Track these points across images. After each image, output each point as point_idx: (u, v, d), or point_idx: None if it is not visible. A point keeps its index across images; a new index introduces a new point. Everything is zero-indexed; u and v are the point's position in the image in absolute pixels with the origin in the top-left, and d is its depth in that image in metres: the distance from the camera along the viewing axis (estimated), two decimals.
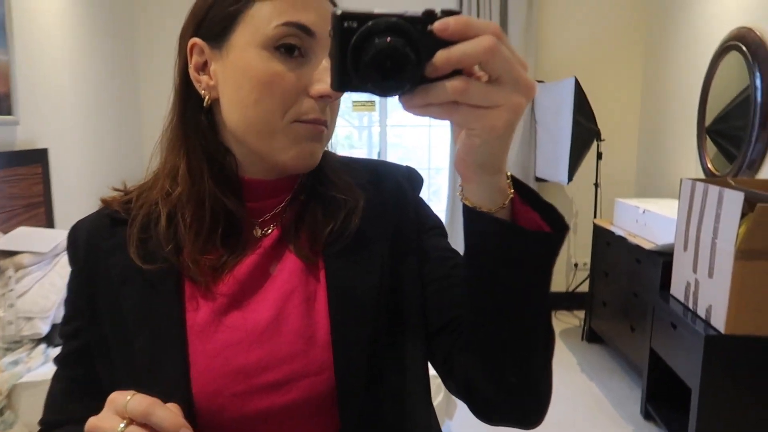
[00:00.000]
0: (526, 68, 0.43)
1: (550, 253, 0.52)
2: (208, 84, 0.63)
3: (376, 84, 0.41)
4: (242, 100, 0.60)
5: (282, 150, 0.61)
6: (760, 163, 2.44)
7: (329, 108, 0.63)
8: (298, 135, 0.61)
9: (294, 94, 0.59)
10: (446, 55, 0.40)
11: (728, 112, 2.71)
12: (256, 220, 0.67)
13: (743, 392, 1.90)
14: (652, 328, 2.36)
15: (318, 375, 0.60)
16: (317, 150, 0.63)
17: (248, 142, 0.62)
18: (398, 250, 0.67)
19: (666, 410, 2.35)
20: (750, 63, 2.47)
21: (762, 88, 2.40)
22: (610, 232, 2.97)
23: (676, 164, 3.25)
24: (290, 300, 0.63)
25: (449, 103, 0.42)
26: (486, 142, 0.45)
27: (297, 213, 0.68)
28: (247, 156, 0.65)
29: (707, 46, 2.88)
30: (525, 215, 0.52)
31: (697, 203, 2.07)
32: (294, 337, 0.61)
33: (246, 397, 0.59)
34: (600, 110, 3.31)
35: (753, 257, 1.80)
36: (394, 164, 0.76)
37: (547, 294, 0.54)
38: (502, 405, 0.58)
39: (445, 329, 0.65)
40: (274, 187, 0.67)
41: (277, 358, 0.60)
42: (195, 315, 0.62)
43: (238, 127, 0.62)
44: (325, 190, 0.68)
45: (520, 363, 0.55)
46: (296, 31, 0.58)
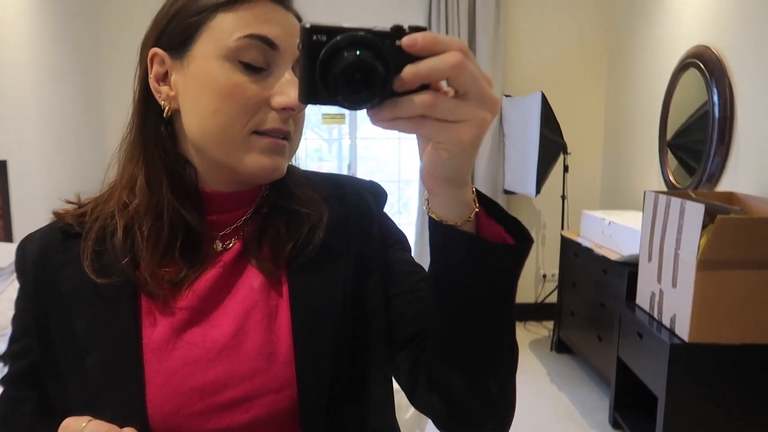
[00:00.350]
0: (491, 84, 0.44)
1: (515, 264, 0.53)
2: (168, 94, 0.62)
3: (345, 97, 0.41)
4: (201, 111, 0.60)
5: (242, 162, 0.60)
6: (718, 176, 2.53)
7: (293, 121, 0.62)
8: (259, 147, 0.60)
9: (255, 105, 0.59)
10: (414, 70, 0.41)
11: (688, 126, 2.81)
12: (217, 233, 0.66)
13: (707, 398, 1.94)
14: (619, 338, 2.40)
15: (279, 392, 0.60)
16: (280, 163, 0.62)
17: (208, 153, 0.61)
18: (362, 264, 0.67)
19: (633, 418, 2.38)
20: (708, 80, 2.56)
21: (719, 103, 2.48)
22: (577, 243, 3.03)
23: (639, 177, 3.34)
24: (251, 315, 0.62)
25: (417, 117, 0.43)
26: (453, 156, 0.46)
27: (259, 227, 0.67)
28: (208, 168, 0.64)
29: (667, 63, 2.98)
30: (490, 228, 0.53)
31: (660, 215, 2.13)
32: (255, 353, 0.60)
33: (204, 416, 0.58)
34: (566, 124, 3.38)
35: (714, 267, 1.85)
36: (357, 179, 0.76)
37: (513, 304, 0.55)
38: (477, 415, 0.58)
39: (409, 343, 0.65)
40: (235, 199, 0.66)
41: (237, 376, 0.59)
42: (152, 331, 0.61)
43: (197, 137, 0.61)
44: (288, 204, 0.67)
45: (488, 371, 0.56)
46: (259, 43, 0.58)
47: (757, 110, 2.30)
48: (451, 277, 0.53)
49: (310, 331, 0.61)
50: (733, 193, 2.27)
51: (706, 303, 1.88)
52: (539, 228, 3.88)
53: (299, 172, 0.72)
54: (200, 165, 0.64)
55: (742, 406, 1.93)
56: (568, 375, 3.08)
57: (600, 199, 3.89)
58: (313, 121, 4.10)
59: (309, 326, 0.62)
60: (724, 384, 1.93)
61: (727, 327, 1.89)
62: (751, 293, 1.86)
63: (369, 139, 4.02)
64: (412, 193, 4.05)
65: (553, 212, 3.72)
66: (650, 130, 3.15)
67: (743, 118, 2.38)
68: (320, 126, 4.14)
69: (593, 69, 3.80)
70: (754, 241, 1.81)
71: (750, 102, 2.34)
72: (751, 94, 2.34)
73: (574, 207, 3.61)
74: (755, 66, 2.31)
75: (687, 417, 1.96)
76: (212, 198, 0.65)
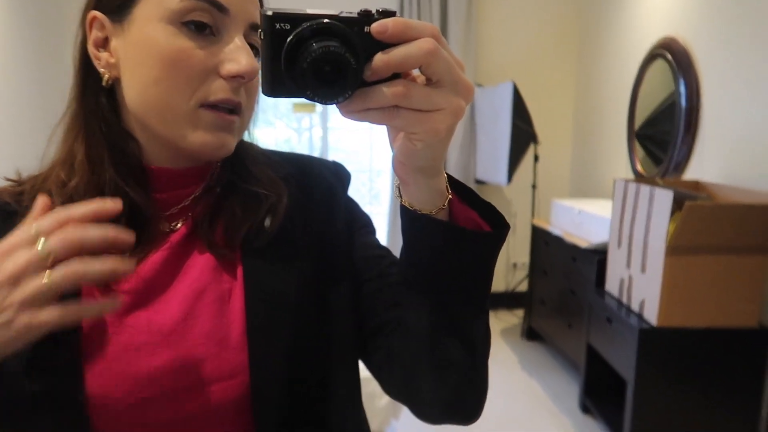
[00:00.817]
0: (463, 69, 0.43)
1: (491, 251, 0.52)
2: (108, 62, 0.57)
3: (314, 91, 0.39)
4: (143, 79, 0.55)
5: (187, 137, 0.56)
6: (685, 164, 2.58)
7: (244, 91, 0.58)
8: (206, 123, 0.56)
9: (202, 73, 0.54)
10: (386, 59, 0.39)
11: (655, 116, 2.85)
12: (164, 212, 0.62)
13: (676, 382, 1.99)
14: (589, 324, 2.44)
15: (230, 379, 0.56)
16: (228, 141, 0.58)
17: (150, 126, 0.57)
18: (325, 249, 0.64)
19: (603, 403, 2.43)
20: (675, 70, 2.60)
21: (686, 94, 2.53)
22: (547, 232, 3.06)
23: (608, 166, 3.39)
24: (201, 299, 0.58)
25: (389, 108, 0.41)
26: (427, 146, 0.44)
27: (211, 207, 0.63)
28: (151, 142, 0.60)
29: (635, 54, 3.02)
30: (464, 214, 0.52)
31: (629, 203, 2.16)
32: (204, 338, 0.57)
33: (149, 405, 0.54)
34: (536, 114, 3.41)
35: (682, 253, 1.89)
36: (319, 159, 0.73)
37: (488, 291, 0.54)
38: (449, 402, 0.57)
39: (381, 330, 0.63)
40: (183, 176, 0.62)
41: (185, 362, 0.56)
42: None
43: (138, 108, 0.57)
44: (245, 184, 0.63)
45: (462, 359, 0.54)
46: (206, 5, 0.54)
47: (722, 100, 2.35)
48: (426, 266, 0.51)
49: (265, 316, 0.58)
50: (698, 182, 2.32)
51: (675, 288, 1.92)
52: (510, 217, 3.91)
53: (257, 149, 0.68)
54: (143, 139, 0.60)
55: (709, 388, 1.98)
56: (539, 362, 3.12)
57: (570, 188, 3.94)
58: (282, 110, 4.04)
59: (263, 311, 0.58)
60: (692, 367, 1.97)
61: (694, 311, 1.93)
62: (718, 278, 1.90)
63: (340, 129, 3.99)
64: (383, 183, 4.03)
65: (524, 201, 3.75)
66: (619, 120, 3.20)
67: (709, 108, 2.43)
68: (290, 115, 4.09)
69: (563, 59, 3.83)
70: (720, 226, 1.85)
71: (715, 92, 2.39)
72: (716, 84, 2.39)
73: (544, 196, 3.65)
74: (721, 57, 2.36)
75: (655, 400, 2.00)
76: (158, 175, 0.61)
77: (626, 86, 3.09)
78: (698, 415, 1.99)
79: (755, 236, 1.87)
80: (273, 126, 4.15)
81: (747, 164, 2.19)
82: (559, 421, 2.50)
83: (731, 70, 2.29)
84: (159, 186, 0.61)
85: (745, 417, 1.98)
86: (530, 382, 2.88)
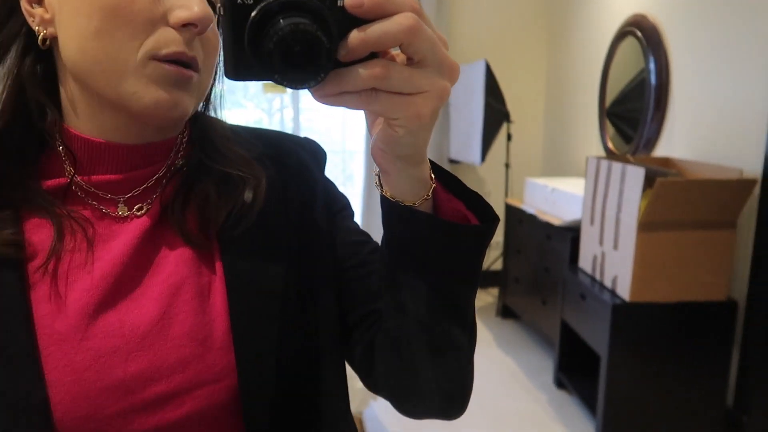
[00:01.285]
0: (447, 47, 0.39)
1: (479, 245, 0.48)
2: (43, 18, 0.51)
3: (283, 75, 0.35)
4: (81, 32, 0.48)
5: (137, 93, 0.49)
6: (655, 141, 2.61)
7: (200, 44, 0.52)
8: (158, 76, 0.49)
9: (148, 21, 0.48)
10: (362, 36, 0.35)
11: (625, 94, 2.88)
12: (121, 195, 0.55)
13: (648, 355, 2.03)
14: (563, 301, 2.47)
15: (217, 382, 0.51)
16: (184, 100, 0.51)
17: (95, 87, 0.50)
18: (306, 234, 0.59)
19: (577, 378, 2.47)
20: (644, 47, 2.62)
21: (656, 71, 2.55)
22: (521, 210, 3.08)
23: (580, 144, 3.41)
24: (179, 295, 0.53)
25: (367, 91, 0.37)
26: (409, 132, 0.40)
27: (180, 189, 0.56)
28: (100, 112, 0.52)
29: (606, 32, 3.03)
30: (449, 205, 0.49)
31: (602, 180, 2.18)
32: (185, 339, 0.51)
33: (128, 417, 0.49)
34: (508, 93, 3.41)
35: (654, 229, 1.92)
36: (292, 135, 0.68)
37: (477, 285, 0.51)
38: (433, 399, 0.54)
39: (362, 322, 0.59)
40: (140, 153, 0.55)
41: (165, 367, 0.50)
42: (52, 319, 0.49)
43: (79, 66, 0.50)
44: (217, 165, 0.57)
45: (447, 354, 0.51)
46: None
47: (691, 77, 2.37)
48: (409, 260, 0.48)
49: (250, 311, 0.53)
50: (668, 158, 2.35)
51: (646, 263, 1.95)
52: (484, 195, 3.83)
53: (224, 125, 0.62)
54: (89, 109, 0.52)
55: (680, 361, 2.03)
56: (514, 339, 3.16)
57: (542, 167, 3.97)
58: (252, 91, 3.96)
59: (248, 305, 0.53)
60: (663, 340, 2.02)
61: (665, 286, 1.96)
62: (688, 253, 1.94)
63: (312, 110, 3.93)
64: (357, 164, 4.00)
65: (497, 180, 3.76)
66: (590, 98, 3.22)
67: (678, 85, 2.46)
68: (260, 96, 4.01)
69: (535, 37, 3.83)
70: (690, 202, 1.88)
71: (684, 69, 2.42)
72: (685, 61, 2.41)
73: (517, 175, 3.66)
74: (690, 34, 2.38)
75: (628, 374, 2.04)
76: (110, 151, 0.54)
77: (597, 64, 3.11)
78: (670, 387, 2.04)
79: (724, 212, 1.91)
80: (243, 107, 4.06)
81: (715, 141, 2.22)
82: (534, 397, 2.54)
83: (701, 47, 2.31)
84: (112, 164, 0.54)
85: (714, 388, 2.04)
86: (505, 359, 2.92)
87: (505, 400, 2.51)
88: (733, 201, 1.89)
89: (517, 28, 3.80)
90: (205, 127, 0.59)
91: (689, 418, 2.05)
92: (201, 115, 0.61)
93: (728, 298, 2.00)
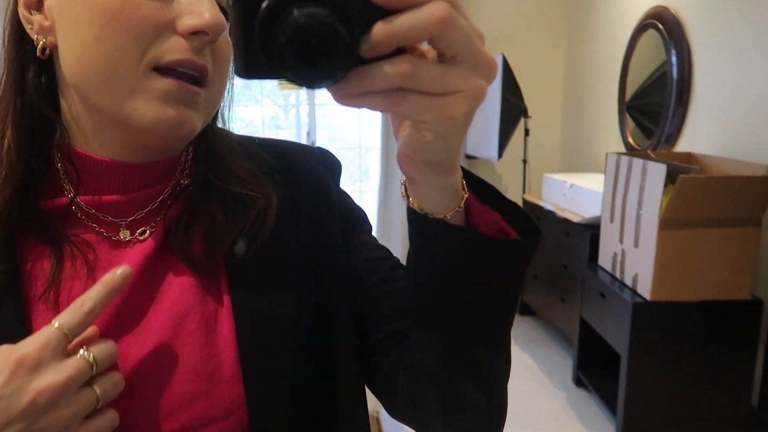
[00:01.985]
0: (483, 41, 0.35)
1: (520, 263, 0.43)
2: (42, 25, 0.47)
3: (297, 73, 0.31)
4: (81, 40, 0.45)
5: (137, 110, 0.45)
6: (677, 136, 2.56)
7: (210, 56, 0.48)
8: (161, 91, 0.45)
9: (152, 29, 0.44)
10: (388, 29, 0.31)
11: (646, 88, 2.82)
12: (123, 218, 0.51)
13: (669, 355, 2.00)
14: (582, 299, 2.44)
15: (226, 419, 0.47)
16: (191, 118, 0.47)
17: (94, 101, 0.47)
18: (321, 255, 0.55)
19: (596, 377, 2.44)
20: (666, 40, 2.56)
21: (678, 64, 2.50)
22: (539, 206, 3.04)
23: (599, 139, 3.36)
24: (184, 325, 0.49)
25: (393, 91, 0.33)
26: (440, 137, 0.36)
27: (184, 211, 0.53)
28: (101, 127, 0.49)
29: (626, 24, 2.97)
30: (484, 217, 0.44)
31: (622, 176, 2.14)
32: (192, 374, 0.48)
33: None
34: (526, 87, 3.36)
35: (675, 226, 1.88)
36: (304, 146, 0.64)
37: (514, 309, 0.46)
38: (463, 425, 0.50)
39: (384, 344, 0.55)
40: (144, 173, 0.51)
41: (171, 404, 0.47)
42: None
43: (79, 78, 0.46)
44: (224, 184, 0.53)
45: (479, 380, 0.47)
46: None
47: (714, 70, 2.32)
48: (440, 279, 0.43)
49: (260, 342, 0.49)
50: (691, 153, 2.30)
51: (668, 262, 1.91)
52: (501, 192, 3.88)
53: (232, 137, 0.58)
54: (90, 125, 0.49)
55: (702, 361, 1.99)
56: (532, 337, 3.13)
57: (561, 162, 3.92)
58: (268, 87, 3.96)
59: (258, 335, 0.49)
60: (685, 340, 1.98)
61: (687, 285, 1.93)
62: (710, 251, 1.90)
63: (328, 105, 3.92)
64: (373, 160, 3.99)
65: (515, 176, 3.72)
66: (609, 92, 3.16)
67: (701, 78, 2.40)
68: (276, 92, 4.01)
69: (553, 31, 3.77)
70: (713, 199, 1.84)
71: (707, 62, 2.36)
72: (708, 54, 2.36)
73: (535, 170, 3.62)
74: (713, 26, 2.32)
75: (649, 373, 2.01)
76: (111, 170, 0.50)
77: (617, 57, 3.05)
78: (692, 387, 2.00)
79: (748, 208, 1.86)
80: (259, 103, 4.07)
81: (739, 135, 2.17)
82: (553, 395, 2.51)
83: (723, 39, 2.25)
84: (114, 184, 0.51)
85: (738, 388, 2.00)
86: (524, 356, 2.90)
87: (523, 398, 2.49)
88: (758, 198, 1.85)
89: (534, 21, 3.75)
90: (212, 142, 0.55)
91: (712, 418, 2.02)
92: (207, 128, 0.55)
93: (753, 296, 1.95)
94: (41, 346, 0.41)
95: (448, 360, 0.47)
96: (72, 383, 0.41)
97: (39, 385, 0.40)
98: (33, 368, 0.40)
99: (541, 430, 2.26)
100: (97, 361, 0.43)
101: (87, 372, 0.42)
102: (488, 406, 0.49)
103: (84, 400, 0.42)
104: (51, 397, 0.40)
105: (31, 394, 0.40)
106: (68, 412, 0.41)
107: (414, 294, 0.47)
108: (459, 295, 0.44)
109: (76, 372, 0.41)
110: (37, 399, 0.40)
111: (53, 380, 0.40)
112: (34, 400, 0.40)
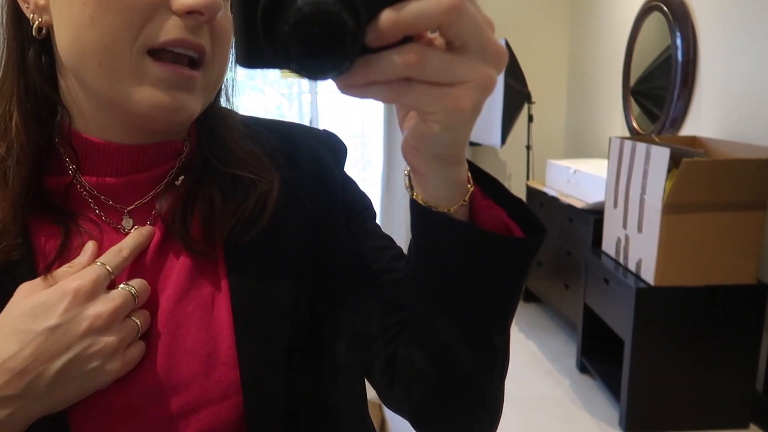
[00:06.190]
0: (493, 29, 0.34)
1: (522, 262, 0.43)
2: (37, 4, 0.46)
3: (301, 63, 0.30)
4: (76, 19, 0.44)
5: (132, 95, 0.45)
6: (681, 120, 2.53)
7: (209, 35, 0.47)
8: (154, 77, 0.45)
9: (147, 9, 0.43)
10: (395, 17, 0.30)
11: (651, 72, 2.79)
12: (124, 206, 0.51)
13: (672, 340, 1.99)
14: (586, 285, 2.43)
15: (222, 401, 0.48)
16: (187, 103, 0.47)
17: (90, 83, 0.46)
18: (322, 240, 0.55)
19: (600, 363, 2.44)
20: (671, 23, 2.53)
21: (683, 47, 2.47)
22: (543, 192, 3.03)
23: (603, 124, 3.33)
24: (181, 309, 0.49)
25: (399, 81, 0.32)
26: (447, 129, 0.35)
27: (183, 194, 0.52)
28: (98, 110, 0.48)
29: (630, 7, 2.94)
30: (488, 212, 0.43)
31: (625, 161, 2.12)
32: (189, 356, 0.48)
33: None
34: (529, 73, 3.33)
35: (679, 211, 1.87)
36: (309, 128, 0.63)
37: (516, 302, 0.46)
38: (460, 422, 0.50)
39: (384, 334, 0.54)
40: (145, 155, 0.51)
41: (169, 386, 0.47)
42: None
43: (74, 59, 0.46)
44: (225, 166, 0.53)
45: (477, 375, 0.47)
46: None
47: (719, 53, 2.29)
48: (440, 272, 0.43)
49: (257, 325, 0.49)
50: (696, 137, 2.28)
51: (672, 246, 1.90)
52: (505, 179, 3.88)
53: (236, 117, 0.57)
54: (88, 107, 0.48)
55: (707, 346, 1.98)
56: (536, 323, 3.13)
57: (564, 148, 3.90)
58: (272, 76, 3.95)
59: (255, 319, 0.49)
60: (689, 325, 1.97)
61: (691, 269, 1.92)
62: (715, 235, 1.88)
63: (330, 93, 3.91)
64: (376, 148, 3.97)
65: (519, 163, 3.70)
66: (613, 77, 3.13)
67: (706, 61, 2.37)
68: (280, 81, 4.00)
69: (556, 15, 3.73)
70: (718, 183, 1.82)
71: (713, 45, 2.33)
72: (714, 37, 2.32)
73: (539, 157, 3.60)
74: (718, 8, 2.28)
75: (653, 359, 2.01)
76: (108, 152, 0.49)
77: (621, 41, 3.02)
78: (696, 372, 2.00)
79: (753, 192, 1.84)
80: (262, 93, 4.06)
81: (744, 118, 2.14)
82: (557, 381, 2.51)
83: (729, 21, 2.22)
84: (113, 166, 0.50)
85: (743, 374, 1.99)
86: (527, 343, 2.90)
87: (527, 384, 2.50)
88: (763, 181, 1.83)
89: (537, 6, 3.71)
90: (214, 123, 0.54)
91: (716, 403, 2.01)
92: (210, 107, 0.54)
93: (758, 281, 1.94)
94: (93, 279, 0.45)
95: (443, 353, 0.46)
96: (121, 310, 0.45)
97: (94, 311, 0.44)
98: (87, 298, 0.44)
99: (546, 416, 2.27)
100: (137, 293, 0.47)
101: (131, 302, 0.46)
102: (483, 400, 0.49)
103: (128, 328, 0.46)
104: (105, 323, 0.44)
105: (89, 320, 0.44)
106: (117, 338, 0.45)
107: (413, 285, 0.47)
108: (458, 289, 0.43)
109: (123, 301, 0.45)
110: (93, 323, 0.44)
111: (106, 307, 0.44)
112: (92, 325, 0.44)
